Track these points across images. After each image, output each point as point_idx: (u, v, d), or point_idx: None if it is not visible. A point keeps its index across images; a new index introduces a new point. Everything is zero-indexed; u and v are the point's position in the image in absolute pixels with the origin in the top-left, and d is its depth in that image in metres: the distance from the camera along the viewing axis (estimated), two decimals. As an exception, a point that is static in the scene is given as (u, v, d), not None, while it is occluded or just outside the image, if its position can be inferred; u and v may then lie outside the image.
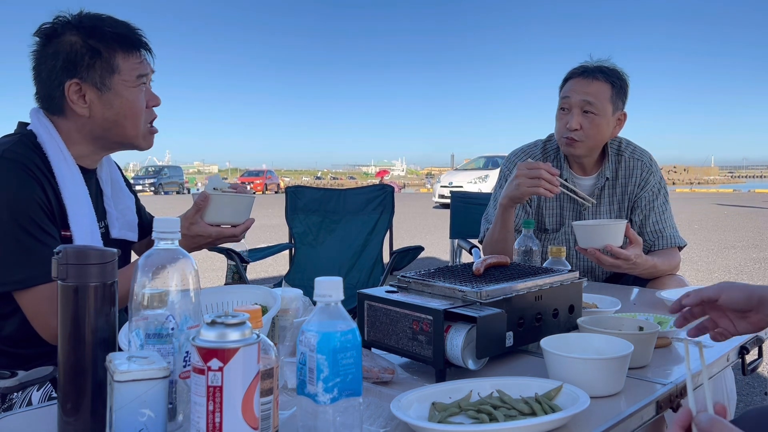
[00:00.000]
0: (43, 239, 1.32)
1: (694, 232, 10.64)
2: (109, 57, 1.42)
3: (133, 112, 1.46)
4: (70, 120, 1.44)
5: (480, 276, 1.30)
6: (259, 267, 6.48)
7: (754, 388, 3.24)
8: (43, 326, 1.32)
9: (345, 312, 0.83)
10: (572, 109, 2.04)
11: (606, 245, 1.77)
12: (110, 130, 1.46)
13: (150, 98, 1.51)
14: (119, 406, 0.77)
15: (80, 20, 1.43)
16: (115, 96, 1.43)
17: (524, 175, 1.85)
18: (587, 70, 2.06)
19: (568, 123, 2.04)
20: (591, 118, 2.03)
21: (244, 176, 36.50)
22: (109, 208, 1.57)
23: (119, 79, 1.43)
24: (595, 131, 2.04)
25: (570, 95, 2.04)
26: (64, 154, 1.42)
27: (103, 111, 1.43)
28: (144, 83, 1.48)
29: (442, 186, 17.36)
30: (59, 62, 1.40)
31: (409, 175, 79.67)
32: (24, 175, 1.33)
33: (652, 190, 2.14)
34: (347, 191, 3.62)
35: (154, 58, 1.52)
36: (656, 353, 1.26)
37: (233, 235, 1.54)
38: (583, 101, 2.02)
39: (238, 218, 1.54)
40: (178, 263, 0.88)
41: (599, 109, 2.02)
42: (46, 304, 1.30)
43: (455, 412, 0.93)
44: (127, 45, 1.44)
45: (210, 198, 1.49)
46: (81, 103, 1.42)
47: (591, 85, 2.03)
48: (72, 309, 0.85)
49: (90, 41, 1.41)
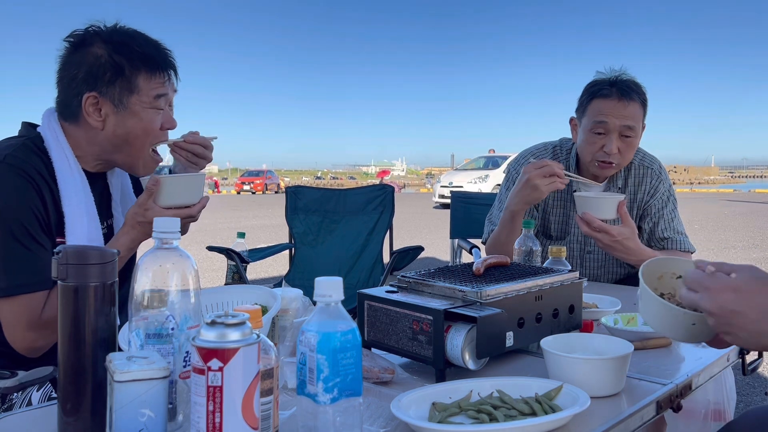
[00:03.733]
0: (32, 248, 1.32)
1: (694, 232, 10.64)
2: (130, 76, 1.41)
3: (145, 133, 1.45)
4: (81, 129, 1.44)
5: (480, 276, 1.30)
6: (259, 267, 6.48)
7: (754, 388, 3.24)
8: (16, 337, 1.31)
9: (345, 312, 0.83)
10: (610, 133, 1.99)
11: (583, 212, 1.77)
12: (119, 147, 1.45)
13: (166, 121, 1.49)
14: (119, 406, 0.77)
15: (111, 34, 1.43)
16: (131, 116, 1.43)
17: (539, 175, 1.84)
18: (621, 91, 1.98)
19: (605, 147, 1.99)
20: (629, 142, 2.00)
21: (244, 176, 36.50)
22: (116, 213, 1.57)
23: (137, 100, 1.42)
24: (631, 153, 2.04)
25: (608, 120, 1.98)
26: (69, 161, 1.42)
27: (116, 128, 1.43)
28: (161, 107, 1.46)
29: (442, 186, 17.36)
30: (81, 72, 1.40)
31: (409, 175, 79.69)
32: (22, 181, 1.32)
33: (661, 198, 2.13)
34: (347, 191, 3.62)
35: (179, 80, 1.51)
36: (656, 353, 1.26)
37: (190, 215, 1.47)
38: (624, 126, 1.97)
39: (192, 198, 1.48)
40: (178, 263, 0.88)
41: (636, 132, 2.00)
42: (25, 315, 1.30)
43: (455, 412, 0.93)
44: (152, 66, 1.43)
45: (161, 181, 1.43)
46: (96, 116, 1.42)
47: (627, 108, 1.97)
48: (72, 309, 0.85)
49: (115, 57, 1.40)
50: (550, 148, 2.23)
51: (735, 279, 0.86)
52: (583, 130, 2.06)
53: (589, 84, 2.07)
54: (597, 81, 2.05)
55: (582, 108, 2.08)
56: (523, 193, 1.89)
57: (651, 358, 1.23)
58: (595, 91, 2.03)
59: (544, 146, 2.25)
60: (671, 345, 1.31)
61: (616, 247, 1.84)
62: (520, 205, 1.91)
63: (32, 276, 1.31)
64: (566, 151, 2.20)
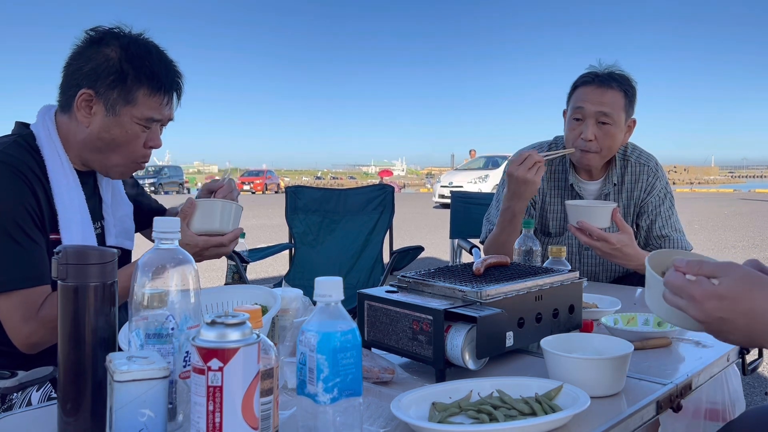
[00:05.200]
0: (25, 244, 1.32)
1: (695, 232, 10.63)
2: (131, 87, 1.40)
3: (126, 146, 1.44)
4: (72, 122, 1.44)
5: (480, 276, 1.30)
6: (259, 267, 6.48)
7: (754, 388, 3.24)
8: (14, 333, 1.31)
9: (345, 312, 0.83)
10: (586, 119, 2.01)
11: (579, 221, 1.77)
12: (98, 149, 1.44)
13: (151, 139, 1.47)
14: (119, 406, 0.77)
15: (130, 42, 1.42)
16: (118, 125, 1.42)
17: (523, 169, 1.85)
18: (600, 79, 2.02)
19: (582, 133, 2.02)
20: (606, 129, 2.01)
21: (244, 176, 36.51)
22: (107, 215, 1.56)
23: (130, 112, 1.41)
24: (610, 141, 2.04)
25: (584, 105, 2.01)
26: (61, 159, 1.42)
27: (100, 130, 1.42)
28: (149, 127, 1.45)
29: (442, 186, 17.37)
30: (87, 68, 1.40)
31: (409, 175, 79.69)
32: (15, 178, 1.33)
33: (658, 195, 2.14)
34: (347, 191, 3.62)
35: (179, 105, 1.50)
36: (656, 353, 1.26)
37: (221, 244, 1.45)
38: (599, 112, 1.99)
39: (225, 226, 1.45)
40: (178, 263, 0.88)
41: (614, 119, 2.00)
42: (20, 310, 1.30)
43: (455, 412, 0.93)
44: (156, 85, 1.42)
45: (196, 204, 1.43)
46: (85, 111, 1.41)
47: (605, 95, 2.00)
48: (72, 309, 0.85)
49: (124, 64, 1.40)
50: (546, 147, 2.24)
51: (719, 286, 0.84)
52: (567, 118, 2.10)
53: (578, 76, 2.11)
54: (585, 72, 2.09)
55: (568, 99, 2.12)
56: (517, 192, 1.89)
57: (651, 358, 1.23)
58: (579, 81, 2.08)
59: (540, 145, 2.26)
60: (671, 345, 1.31)
61: (615, 255, 1.85)
62: (520, 203, 1.92)
63: (26, 271, 1.31)
64: (561, 148, 2.21)
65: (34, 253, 1.33)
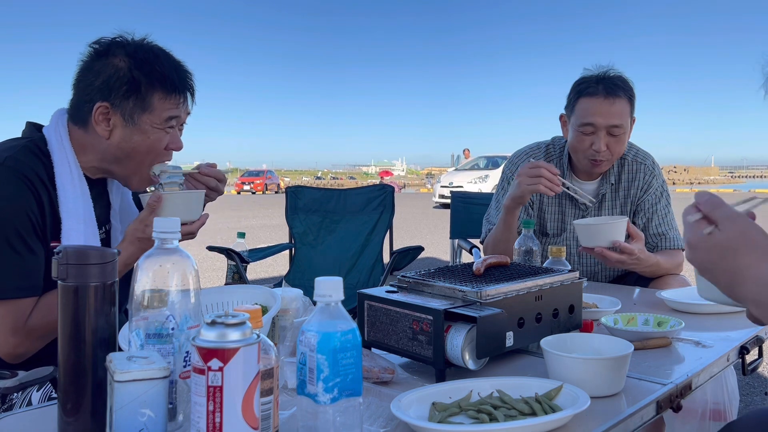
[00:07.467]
0: (23, 253, 1.31)
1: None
2: (145, 94, 1.41)
3: (149, 151, 1.45)
4: (88, 134, 1.44)
5: (480, 276, 1.30)
6: (259, 267, 6.48)
7: (754, 388, 3.24)
8: (1, 343, 1.30)
9: (345, 312, 0.83)
10: (597, 132, 2.00)
11: (613, 242, 1.78)
12: (119, 159, 1.45)
13: (172, 141, 1.49)
14: (119, 406, 0.77)
15: (136, 49, 1.42)
16: (139, 132, 1.42)
17: (525, 174, 1.88)
18: (606, 89, 1.99)
19: (594, 145, 2.01)
20: (617, 138, 2.02)
21: (244, 176, 36.49)
22: (114, 221, 1.57)
23: (148, 119, 1.42)
24: (620, 148, 2.05)
25: (595, 121, 1.99)
26: (70, 165, 1.42)
27: (121, 141, 1.43)
28: (172, 126, 1.46)
29: (442, 186, 17.36)
30: (99, 81, 1.40)
31: (409, 175, 79.66)
32: (20, 184, 1.32)
33: (654, 194, 2.14)
34: (347, 191, 3.62)
35: (194, 103, 1.51)
36: (656, 353, 1.27)
37: (190, 232, 1.47)
38: (611, 125, 1.99)
39: (192, 215, 1.49)
40: (178, 263, 0.88)
41: (624, 128, 2.01)
42: (8, 320, 1.29)
43: (455, 412, 0.93)
44: (169, 87, 1.43)
45: (162, 198, 1.44)
46: (104, 125, 1.41)
47: (614, 106, 1.98)
48: (72, 309, 0.85)
49: (135, 72, 1.40)
50: (543, 148, 2.24)
51: (711, 237, 0.83)
52: (572, 128, 2.08)
53: (577, 81, 2.09)
54: (584, 78, 2.07)
55: (570, 106, 2.10)
56: (510, 191, 1.94)
57: (651, 358, 1.23)
58: (582, 89, 2.05)
59: (537, 146, 2.27)
60: (671, 345, 1.31)
61: (634, 263, 1.87)
62: (508, 201, 1.95)
63: (20, 281, 1.31)
64: (559, 149, 2.21)
65: (30, 264, 1.32)
